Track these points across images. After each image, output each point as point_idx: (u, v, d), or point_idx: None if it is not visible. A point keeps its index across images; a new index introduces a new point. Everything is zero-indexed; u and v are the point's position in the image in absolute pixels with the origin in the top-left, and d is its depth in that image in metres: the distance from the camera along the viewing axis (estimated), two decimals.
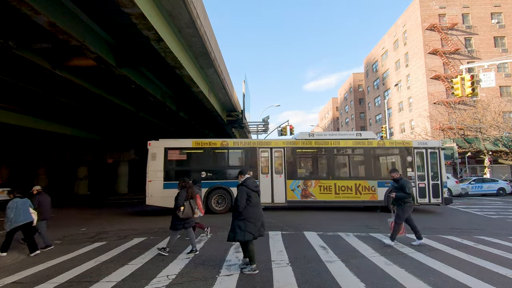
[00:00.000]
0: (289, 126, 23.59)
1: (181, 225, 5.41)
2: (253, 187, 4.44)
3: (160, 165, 10.59)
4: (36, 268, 4.87)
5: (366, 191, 10.81)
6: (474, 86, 11.33)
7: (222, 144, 11.18)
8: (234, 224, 4.30)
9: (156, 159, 10.64)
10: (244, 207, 4.26)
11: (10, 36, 7.34)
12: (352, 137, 11.52)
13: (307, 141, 11.29)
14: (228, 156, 11.30)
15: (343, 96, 59.24)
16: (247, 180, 4.47)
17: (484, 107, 23.35)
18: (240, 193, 4.32)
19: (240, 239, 4.21)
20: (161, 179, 10.46)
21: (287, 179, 10.94)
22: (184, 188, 5.53)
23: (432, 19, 29.78)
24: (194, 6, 7.24)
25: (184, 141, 11.38)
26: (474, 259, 5.02)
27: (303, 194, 10.84)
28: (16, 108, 15.16)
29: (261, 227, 4.37)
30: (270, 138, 12.78)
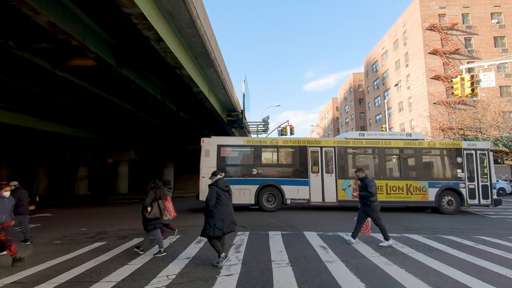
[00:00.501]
0: (289, 126, 23.58)
1: (151, 226, 5.47)
2: (223, 187, 4.78)
3: (213, 162, 10.83)
4: (36, 268, 4.87)
5: (417, 192, 10.78)
6: (474, 86, 11.33)
7: (272, 142, 11.31)
8: (205, 221, 4.62)
9: (209, 156, 10.92)
10: (214, 205, 4.58)
11: (10, 36, 7.34)
12: (402, 137, 11.52)
13: (358, 141, 11.29)
14: (278, 155, 11.35)
15: (343, 96, 59.24)
16: (218, 180, 4.82)
17: (484, 107, 23.35)
18: (211, 193, 4.63)
19: (210, 235, 4.51)
20: None
21: (338, 178, 10.93)
22: (153, 189, 5.61)
23: (432, 19, 29.78)
24: (194, 6, 7.24)
25: (236, 138, 11.87)
26: (474, 259, 5.02)
27: (354, 194, 10.77)
28: (16, 108, 15.15)
29: (231, 224, 4.66)
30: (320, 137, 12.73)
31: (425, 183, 10.84)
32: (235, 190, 10.64)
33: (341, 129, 60.21)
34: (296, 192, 10.76)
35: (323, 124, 79.53)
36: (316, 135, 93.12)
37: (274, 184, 10.79)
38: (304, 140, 11.51)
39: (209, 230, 4.50)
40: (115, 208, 14.31)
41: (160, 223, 5.69)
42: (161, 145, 25.70)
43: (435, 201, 10.69)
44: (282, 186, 10.79)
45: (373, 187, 5.99)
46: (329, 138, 11.80)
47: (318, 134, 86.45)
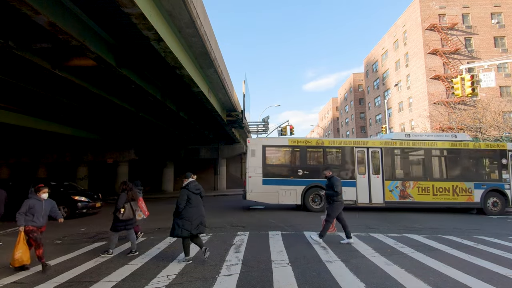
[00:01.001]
0: (289, 126, 23.59)
1: (122, 227, 5.53)
2: (194, 190, 4.98)
3: (259, 162, 10.88)
4: (36, 268, 4.87)
5: (463, 193, 10.76)
6: (474, 86, 11.33)
7: (318, 143, 11.27)
8: (173, 222, 4.82)
9: (256, 156, 10.97)
10: (183, 207, 4.78)
11: (10, 36, 7.34)
12: (448, 138, 11.45)
13: (405, 142, 11.24)
14: (324, 155, 11.30)
15: (343, 96, 59.25)
16: (189, 183, 5.02)
17: (484, 107, 23.34)
18: (181, 195, 4.83)
19: (178, 235, 4.73)
20: (260, 175, 10.78)
21: (385, 179, 10.88)
22: (125, 191, 5.65)
23: (432, 19, 29.78)
24: (194, 6, 7.24)
25: (281, 139, 11.81)
26: (474, 259, 5.02)
27: (401, 195, 10.77)
28: (16, 108, 15.15)
29: (199, 225, 4.87)
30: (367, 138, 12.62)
31: (471, 184, 10.82)
32: (280, 190, 10.82)
33: (341, 129, 60.21)
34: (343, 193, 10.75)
35: (323, 124, 79.53)
36: (316, 135, 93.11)
37: (321, 185, 10.69)
38: (351, 141, 11.46)
39: (177, 231, 4.72)
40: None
41: (133, 224, 5.73)
42: (161, 145, 25.71)
43: (480, 202, 10.66)
44: None
45: (338, 186, 6.08)
46: (375, 139, 11.71)
47: (318, 134, 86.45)
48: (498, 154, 11.05)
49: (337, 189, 6.03)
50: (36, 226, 4.80)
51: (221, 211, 11.63)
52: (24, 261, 4.61)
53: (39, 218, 4.85)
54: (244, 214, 10.74)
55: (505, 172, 10.91)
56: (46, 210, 5.00)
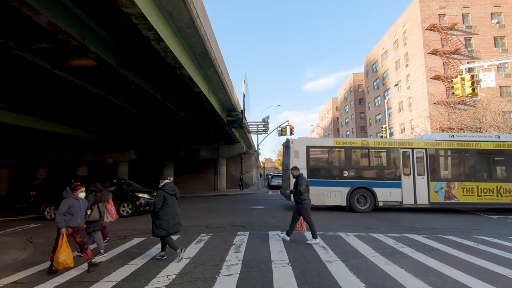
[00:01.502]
0: (289, 126, 23.59)
1: (91, 228, 5.52)
2: (170, 191, 5.17)
3: (303, 163, 10.77)
4: (36, 268, 4.88)
5: (507, 194, 10.73)
6: (474, 86, 11.33)
7: (363, 143, 11.19)
8: (152, 222, 5.02)
9: (299, 157, 10.88)
10: (160, 208, 4.97)
11: (10, 36, 7.34)
12: (492, 139, 11.39)
13: (449, 142, 11.21)
14: (369, 156, 11.23)
15: (343, 96, 59.25)
16: (165, 185, 5.21)
17: (484, 107, 23.34)
18: (158, 197, 5.02)
19: (156, 235, 4.96)
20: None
21: (430, 180, 10.84)
22: (93, 192, 5.65)
23: (432, 19, 29.78)
24: (194, 6, 7.23)
25: (325, 139, 11.94)
26: (474, 259, 5.02)
27: (446, 196, 10.74)
28: (16, 108, 15.14)
29: (176, 225, 5.11)
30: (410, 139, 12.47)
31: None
32: (326, 191, 10.79)
33: (341, 129, 60.21)
34: (388, 194, 10.72)
35: (323, 124, 79.53)
36: (316, 135, 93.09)
37: (366, 186, 10.74)
38: (396, 142, 11.42)
39: (156, 231, 4.95)
40: None
41: (100, 226, 5.71)
42: (161, 145, 25.71)
43: None
44: (374, 188, 10.73)
45: (302, 186, 6.12)
46: (420, 140, 11.66)
47: (318, 134, 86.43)
48: None
49: (301, 188, 6.09)
50: (72, 226, 4.64)
51: (221, 211, 11.63)
52: (68, 263, 4.43)
53: (76, 219, 4.69)
54: (244, 214, 10.74)
55: None
56: (83, 210, 4.87)
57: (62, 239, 4.42)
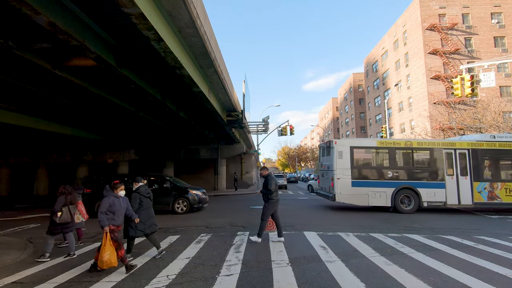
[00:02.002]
0: (289, 126, 23.60)
1: (59, 230, 5.54)
2: (145, 193, 5.30)
3: (347, 164, 10.83)
4: (36, 268, 4.87)
5: None
6: (474, 86, 11.33)
7: (406, 144, 11.19)
8: (127, 224, 5.10)
9: (343, 157, 10.90)
10: (136, 210, 5.10)
11: (10, 36, 7.34)
12: None
13: (491, 143, 11.21)
14: (412, 156, 11.22)
15: (343, 96, 59.25)
16: (140, 187, 5.32)
17: (484, 107, 23.35)
18: (134, 199, 5.15)
19: (133, 236, 5.09)
20: (349, 177, 10.76)
21: (473, 181, 10.87)
22: (63, 194, 5.66)
23: (432, 19, 29.79)
24: (194, 6, 7.24)
25: (369, 140, 11.79)
26: (474, 259, 5.02)
27: (489, 196, 10.78)
28: (16, 108, 15.15)
29: (152, 225, 5.27)
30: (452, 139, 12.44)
31: None
32: (370, 192, 10.74)
33: (341, 129, 60.20)
34: (432, 194, 10.74)
35: (323, 124, 79.54)
36: (316, 135, 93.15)
37: (410, 187, 10.75)
38: (439, 142, 11.42)
39: (132, 232, 5.07)
40: None
41: (70, 228, 5.71)
42: (161, 145, 25.71)
43: None
44: (418, 188, 10.74)
45: (272, 185, 6.16)
46: (462, 140, 11.64)
47: (318, 134, 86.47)
48: None
49: (271, 187, 6.12)
50: (116, 225, 4.62)
51: (221, 211, 11.63)
52: (113, 263, 4.38)
53: (118, 217, 4.69)
54: (244, 214, 10.75)
55: None
56: (123, 208, 4.84)
57: (106, 238, 4.39)
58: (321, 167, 12.76)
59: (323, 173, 12.43)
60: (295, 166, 63.69)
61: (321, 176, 12.82)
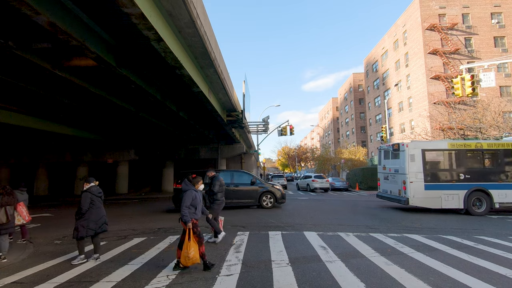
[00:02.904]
0: (289, 126, 23.60)
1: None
2: (96, 193, 5.35)
3: (419, 167, 10.73)
4: (36, 268, 4.88)
5: None
6: (474, 86, 11.33)
7: (477, 146, 11.11)
8: (77, 224, 5.10)
9: (415, 160, 10.79)
10: (87, 209, 5.13)
11: (10, 36, 7.34)
12: None
13: None
14: (484, 158, 11.13)
15: (343, 96, 59.25)
16: (91, 187, 5.36)
17: (484, 107, 23.34)
18: (84, 198, 5.14)
19: (83, 235, 5.06)
20: (421, 181, 10.66)
21: None
22: (0, 195, 5.67)
23: (432, 19, 29.78)
24: (194, 6, 7.24)
25: (440, 142, 11.58)
26: (474, 259, 5.02)
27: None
28: (16, 108, 15.15)
29: (103, 225, 5.31)
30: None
31: None
32: (443, 195, 10.64)
33: (341, 129, 60.20)
34: (504, 196, 10.69)
35: (323, 124, 79.55)
36: (316, 135, 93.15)
37: (482, 189, 10.68)
38: (509, 143, 11.29)
39: (83, 231, 5.07)
40: (115, 208, 14.32)
41: (7, 229, 5.66)
42: (161, 145, 25.71)
43: None
44: (490, 190, 10.69)
45: (216, 186, 6.22)
46: None
47: (318, 134, 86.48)
48: None
49: (214, 188, 6.18)
50: (196, 219, 4.53)
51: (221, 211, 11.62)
52: (197, 259, 4.33)
53: (199, 211, 4.63)
54: (244, 214, 10.74)
55: None
56: (201, 201, 4.77)
57: (190, 233, 4.32)
58: (383, 169, 12.64)
59: (387, 176, 12.26)
60: (295, 166, 63.69)
61: (384, 179, 12.61)
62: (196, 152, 25.92)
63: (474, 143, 11.22)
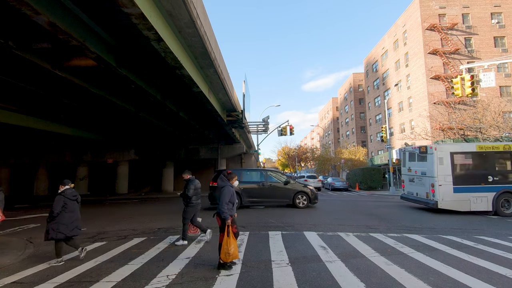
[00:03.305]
0: (289, 126, 23.60)
1: None
2: (71, 196, 5.31)
3: (447, 170, 10.71)
4: (36, 268, 4.88)
5: None
6: (474, 86, 11.33)
7: (505, 148, 11.11)
8: (48, 226, 5.09)
9: (443, 163, 10.77)
10: (58, 212, 5.09)
11: (10, 36, 7.35)
12: None
13: None
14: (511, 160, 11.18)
15: (343, 96, 59.25)
16: (65, 190, 5.32)
17: (484, 107, 23.33)
18: (57, 201, 5.13)
19: (53, 238, 5.05)
20: (450, 184, 10.64)
21: None
22: None
23: (432, 19, 29.78)
24: (194, 6, 7.24)
25: (468, 144, 11.52)
26: (474, 259, 5.02)
27: None
28: (16, 108, 15.16)
29: (74, 229, 5.27)
30: None
31: None
32: (472, 197, 10.60)
33: (341, 129, 60.20)
34: None
35: (323, 124, 79.55)
36: (316, 135, 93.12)
37: (510, 190, 10.67)
38: None
39: (52, 234, 5.05)
40: (115, 208, 14.32)
41: None
42: (161, 145, 25.71)
43: None
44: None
45: (190, 190, 6.14)
46: None
47: (318, 134, 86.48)
48: None
49: (188, 192, 6.11)
50: (232, 215, 4.55)
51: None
52: (236, 255, 4.39)
53: (235, 207, 4.63)
54: (244, 214, 10.74)
55: None
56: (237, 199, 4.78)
57: (229, 230, 4.33)
58: (408, 171, 12.59)
59: (413, 178, 12.22)
60: (295, 166, 63.68)
61: (409, 181, 12.57)
62: (196, 152, 25.92)
63: (502, 145, 11.22)
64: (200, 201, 6.47)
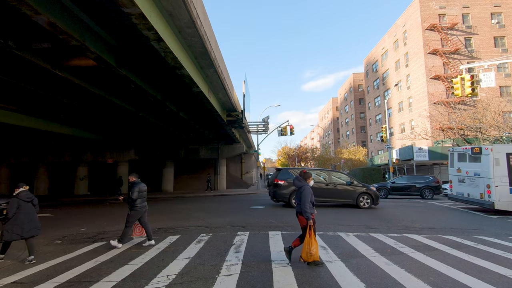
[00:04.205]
0: (289, 126, 23.61)
1: None
2: (25, 198, 5.37)
3: (504, 171, 10.66)
4: (36, 268, 4.88)
5: None
6: (474, 86, 11.33)
7: None
8: (3, 228, 5.16)
9: (500, 164, 10.73)
10: (13, 214, 5.19)
11: (10, 36, 7.35)
12: None
13: None
14: None
15: (343, 96, 59.26)
16: (20, 193, 5.38)
17: (484, 107, 23.34)
18: (11, 204, 5.22)
19: (8, 239, 5.14)
20: (506, 184, 10.60)
21: None
22: None
23: (432, 19, 29.79)
24: (194, 6, 7.24)
25: None
26: (474, 259, 5.02)
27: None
28: (16, 108, 15.16)
29: (32, 229, 5.32)
30: None
31: None
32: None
33: (341, 129, 60.22)
34: None
35: (323, 124, 79.56)
36: (316, 135, 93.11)
37: None
38: None
39: (7, 236, 5.12)
40: (115, 208, 14.32)
41: None
42: (161, 145, 25.72)
43: None
44: None
45: (134, 193, 6.02)
46: None
47: (318, 134, 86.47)
48: None
49: (132, 195, 6.01)
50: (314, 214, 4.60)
51: (221, 211, 11.63)
52: (318, 257, 4.46)
53: (313, 206, 4.64)
54: (244, 214, 10.74)
55: None
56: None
57: (311, 230, 4.37)
58: (457, 172, 12.53)
59: (463, 178, 12.16)
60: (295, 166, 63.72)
61: (458, 182, 12.51)
62: (196, 152, 25.92)
63: None
64: (145, 203, 6.26)
